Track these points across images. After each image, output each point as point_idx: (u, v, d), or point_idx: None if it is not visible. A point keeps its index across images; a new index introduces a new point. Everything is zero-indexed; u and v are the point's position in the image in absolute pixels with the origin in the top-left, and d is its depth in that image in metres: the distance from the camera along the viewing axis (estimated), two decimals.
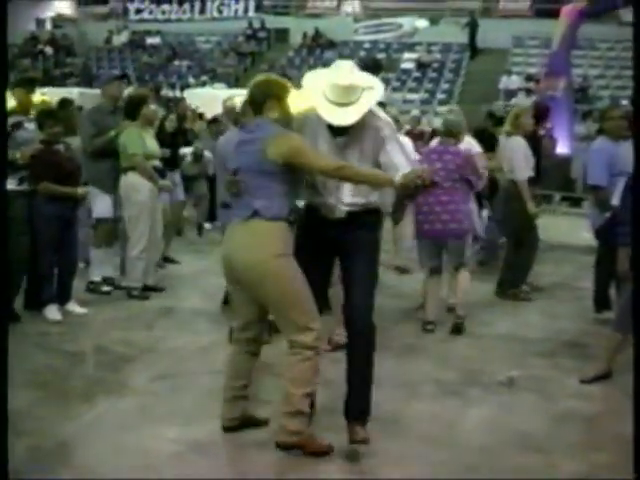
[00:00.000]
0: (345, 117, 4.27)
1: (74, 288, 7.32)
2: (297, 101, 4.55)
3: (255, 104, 4.37)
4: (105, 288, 8.01)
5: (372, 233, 4.56)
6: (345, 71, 4.37)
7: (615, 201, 6.57)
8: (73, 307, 7.18)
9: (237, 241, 4.29)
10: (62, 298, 7.10)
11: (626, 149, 6.65)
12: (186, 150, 10.76)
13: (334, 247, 4.50)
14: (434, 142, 7.53)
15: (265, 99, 4.32)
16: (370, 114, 4.35)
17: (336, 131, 4.35)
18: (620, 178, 6.46)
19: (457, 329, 6.95)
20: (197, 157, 11.01)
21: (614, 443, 4.61)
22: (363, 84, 4.34)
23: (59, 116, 7.17)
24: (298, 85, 4.59)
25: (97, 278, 8.06)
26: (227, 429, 4.58)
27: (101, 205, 7.96)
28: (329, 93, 4.29)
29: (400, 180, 4.13)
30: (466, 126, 7.42)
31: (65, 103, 8.57)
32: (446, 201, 6.76)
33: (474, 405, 5.26)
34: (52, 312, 6.90)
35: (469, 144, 7.48)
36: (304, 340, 4.22)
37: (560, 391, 5.55)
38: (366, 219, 4.48)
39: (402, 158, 4.34)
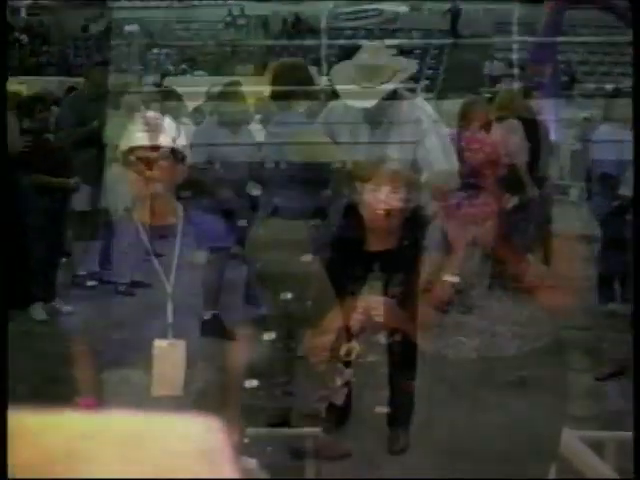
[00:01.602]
0: (369, 98, 4.04)
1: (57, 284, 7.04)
2: None
3: (281, 97, 4.18)
4: (90, 282, 7.72)
5: (414, 238, 4.29)
6: (371, 52, 4.20)
7: (625, 189, 6.35)
8: (58, 305, 6.86)
9: (263, 240, 4.18)
10: (47, 295, 6.81)
11: None
12: None
13: (372, 255, 4.23)
14: None
15: (294, 91, 4.11)
16: (411, 105, 4.14)
17: (374, 123, 4.08)
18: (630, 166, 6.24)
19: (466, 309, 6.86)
20: None
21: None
22: (391, 65, 4.11)
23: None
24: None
25: (82, 272, 7.79)
26: (272, 425, 4.39)
27: (80, 197, 7.64)
28: (356, 76, 4.06)
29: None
30: None
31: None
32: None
33: (486, 409, 5.03)
34: (37, 311, 6.63)
35: None
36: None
37: (574, 390, 5.34)
38: (407, 223, 4.17)
39: (439, 154, 4.08)
